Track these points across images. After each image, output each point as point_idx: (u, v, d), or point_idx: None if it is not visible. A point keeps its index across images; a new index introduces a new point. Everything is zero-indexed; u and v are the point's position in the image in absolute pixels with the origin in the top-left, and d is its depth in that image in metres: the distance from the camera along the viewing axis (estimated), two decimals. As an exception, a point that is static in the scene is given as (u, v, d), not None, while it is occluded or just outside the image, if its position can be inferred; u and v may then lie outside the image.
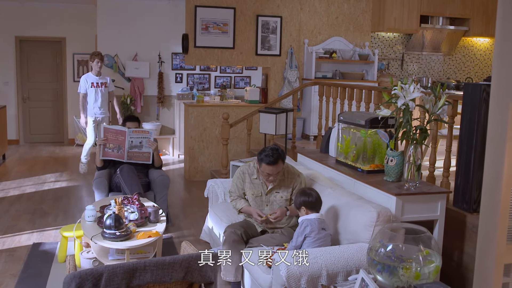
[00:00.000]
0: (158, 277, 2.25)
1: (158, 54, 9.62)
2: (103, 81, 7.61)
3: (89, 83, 7.49)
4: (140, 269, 2.22)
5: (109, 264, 2.23)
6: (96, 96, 7.53)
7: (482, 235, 2.28)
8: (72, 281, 2.23)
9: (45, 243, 4.85)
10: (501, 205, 2.18)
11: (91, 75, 7.56)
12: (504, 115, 2.14)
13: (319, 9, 8.09)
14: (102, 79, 7.63)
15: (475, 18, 8.79)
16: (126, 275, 2.21)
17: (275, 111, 5.91)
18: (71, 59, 10.56)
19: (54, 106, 10.80)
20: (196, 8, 7.49)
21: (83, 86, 7.52)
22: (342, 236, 3.53)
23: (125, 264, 2.22)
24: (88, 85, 7.49)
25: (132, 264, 2.22)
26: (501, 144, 2.14)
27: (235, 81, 10.39)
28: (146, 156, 5.30)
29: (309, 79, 7.78)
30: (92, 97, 7.53)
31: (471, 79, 9.32)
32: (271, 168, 3.75)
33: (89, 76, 7.58)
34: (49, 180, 7.46)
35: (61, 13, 10.28)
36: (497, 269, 2.23)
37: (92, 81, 7.51)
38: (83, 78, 7.58)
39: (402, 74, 9.04)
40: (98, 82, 7.54)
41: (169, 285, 2.35)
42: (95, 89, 7.52)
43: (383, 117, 3.75)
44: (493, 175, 2.19)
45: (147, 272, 2.23)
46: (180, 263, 2.30)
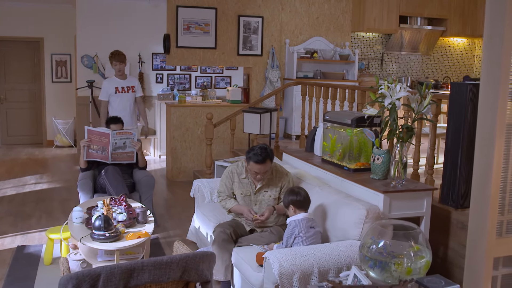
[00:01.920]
0: (155, 277, 2.26)
1: (138, 54, 9.58)
2: (129, 85, 6.32)
3: (112, 88, 6.22)
4: (138, 269, 2.23)
5: (107, 265, 2.23)
6: (121, 104, 6.25)
7: (472, 229, 2.35)
8: (69, 283, 2.21)
9: (29, 246, 4.80)
10: (491, 200, 2.24)
11: (115, 78, 6.27)
12: (493, 113, 2.21)
13: (300, 10, 8.15)
14: (129, 82, 6.33)
15: (452, 18, 8.96)
16: (124, 276, 2.21)
17: (259, 110, 5.95)
18: (49, 60, 10.42)
19: (32, 107, 10.65)
20: (178, 8, 7.47)
21: (105, 91, 6.25)
22: (331, 233, 3.58)
23: (122, 265, 2.22)
24: (111, 91, 6.22)
25: (130, 265, 2.22)
26: (491, 141, 2.21)
27: (215, 81, 10.39)
28: (130, 156, 5.28)
29: (291, 79, 7.83)
30: (116, 105, 6.24)
31: (449, 78, 9.50)
32: (259, 167, 3.78)
33: (112, 80, 6.31)
34: (30, 182, 7.37)
35: (39, 12, 10.13)
36: (487, 263, 2.30)
37: (116, 86, 6.22)
38: (105, 82, 6.39)
39: (382, 73, 9.16)
40: (124, 87, 6.27)
41: (166, 285, 2.36)
42: (120, 95, 6.24)
43: (369, 116, 3.82)
44: (483, 171, 2.26)
45: (145, 272, 2.24)
46: (178, 262, 2.31)
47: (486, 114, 2.24)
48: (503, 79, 2.19)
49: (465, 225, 3.70)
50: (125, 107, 6.25)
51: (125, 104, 6.25)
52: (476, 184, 2.30)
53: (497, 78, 2.20)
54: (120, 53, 6.22)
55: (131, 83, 6.34)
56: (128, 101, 6.27)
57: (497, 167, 2.23)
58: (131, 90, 6.31)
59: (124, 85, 6.27)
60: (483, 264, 2.30)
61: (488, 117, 2.23)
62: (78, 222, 3.96)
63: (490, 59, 2.22)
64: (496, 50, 2.19)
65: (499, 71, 2.19)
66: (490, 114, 2.22)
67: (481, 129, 2.27)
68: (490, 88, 2.22)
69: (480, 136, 2.28)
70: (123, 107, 6.22)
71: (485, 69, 2.24)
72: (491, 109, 2.22)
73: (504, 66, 2.20)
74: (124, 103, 6.24)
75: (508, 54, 2.20)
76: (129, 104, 6.30)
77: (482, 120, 2.26)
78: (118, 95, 6.23)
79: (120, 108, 6.19)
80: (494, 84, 2.21)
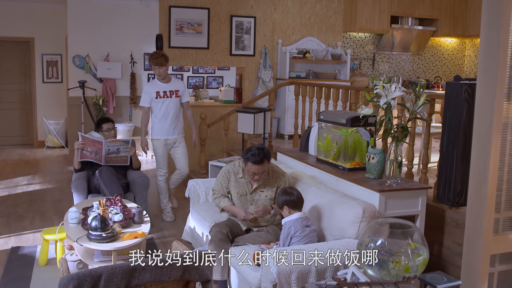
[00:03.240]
0: (157, 277, 2.27)
1: (130, 54, 9.55)
2: (172, 89, 5.58)
3: (154, 93, 5.52)
4: (139, 269, 2.24)
5: (108, 265, 2.23)
6: (164, 110, 5.56)
7: (469, 227, 2.38)
8: (70, 283, 2.22)
9: (24, 247, 4.77)
10: (488, 198, 2.28)
11: (157, 81, 5.58)
12: (490, 113, 2.24)
13: (292, 10, 8.18)
14: (172, 85, 5.60)
15: (443, 18, 9.04)
16: (126, 275, 2.22)
17: (253, 110, 5.96)
18: (40, 60, 10.35)
19: (23, 107, 10.58)
20: (170, 8, 7.47)
21: (146, 97, 5.53)
22: (328, 232, 3.60)
23: (124, 265, 2.23)
24: (152, 96, 5.52)
25: (131, 264, 2.23)
26: (487, 140, 2.25)
27: (207, 81, 10.40)
28: (124, 159, 5.28)
29: (283, 79, 7.86)
30: (157, 111, 5.57)
31: (440, 78, 9.58)
32: (257, 167, 3.80)
33: (154, 83, 5.63)
34: (22, 183, 7.32)
35: (29, 12, 10.06)
36: (484, 260, 2.34)
37: (157, 90, 5.52)
38: (146, 86, 5.70)
39: (373, 73, 9.21)
40: (166, 91, 5.54)
41: (166, 284, 2.37)
42: (162, 100, 5.53)
43: (364, 116, 3.85)
44: (480, 170, 2.29)
45: (147, 272, 2.25)
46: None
47: (483, 114, 2.28)
48: (500, 80, 2.23)
49: (459, 223, 3.75)
50: (168, 114, 5.55)
51: (168, 110, 5.54)
52: (473, 183, 2.34)
53: (494, 79, 2.24)
54: (158, 55, 5.51)
55: (175, 86, 5.58)
56: (172, 107, 5.55)
57: (493, 166, 2.26)
58: (175, 95, 5.55)
59: (167, 89, 5.53)
60: (480, 261, 2.34)
61: (485, 117, 2.27)
62: (74, 223, 3.95)
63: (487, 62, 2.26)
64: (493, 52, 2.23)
65: (496, 73, 2.23)
66: (487, 114, 2.26)
67: (478, 129, 2.30)
68: (487, 89, 2.26)
69: (477, 135, 2.32)
70: (166, 114, 5.55)
71: (482, 71, 2.27)
72: (488, 110, 2.26)
73: (500, 68, 2.24)
74: (167, 109, 5.53)
75: (504, 57, 2.24)
76: (173, 111, 5.57)
77: (479, 120, 2.30)
78: (160, 100, 5.52)
79: (163, 115, 5.56)
80: (490, 85, 2.25)
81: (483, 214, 2.30)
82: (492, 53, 2.23)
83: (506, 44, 2.22)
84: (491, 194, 2.28)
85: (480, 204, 2.31)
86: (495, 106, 2.23)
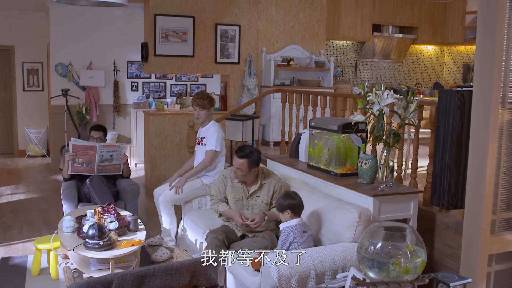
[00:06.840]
0: (167, 282, 2.30)
1: (113, 62, 9.51)
2: (201, 136, 5.12)
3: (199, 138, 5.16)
4: (149, 275, 2.26)
5: (118, 272, 2.26)
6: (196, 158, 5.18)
7: (467, 228, 2.47)
8: (79, 291, 2.23)
9: (14, 257, 4.73)
10: (485, 200, 2.37)
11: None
12: (486, 119, 2.34)
13: (276, 18, 8.28)
14: (203, 132, 5.10)
15: (422, 27, 9.26)
16: (136, 282, 2.24)
17: (242, 118, 6.02)
18: (20, 68, 10.23)
19: (3, 116, 10.43)
20: (156, 16, 7.48)
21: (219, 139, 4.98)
22: (324, 236, 3.66)
23: (134, 271, 2.25)
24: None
25: (142, 271, 2.26)
26: (485, 145, 2.34)
27: (191, 89, 10.41)
28: (116, 168, 5.27)
29: (268, 86, 7.93)
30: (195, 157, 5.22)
31: (420, 85, 9.78)
32: (237, 161, 3.89)
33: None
34: (6, 193, 7.23)
35: (9, 20, 9.93)
36: (482, 260, 2.42)
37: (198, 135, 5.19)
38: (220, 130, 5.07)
39: (356, 80, 9.37)
40: (199, 137, 5.16)
41: (174, 290, 2.40)
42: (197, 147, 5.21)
43: (356, 122, 3.94)
44: (478, 173, 2.39)
45: (157, 278, 2.27)
46: (187, 267, 2.35)
47: (480, 120, 2.37)
48: (495, 88, 2.33)
49: (449, 226, 3.86)
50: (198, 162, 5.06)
51: (199, 159, 5.07)
52: (471, 186, 2.43)
53: (490, 87, 2.34)
54: (200, 95, 5.03)
55: (202, 133, 5.08)
56: (200, 156, 5.06)
57: (490, 169, 2.36)
58: (200, 143, 5.09)
59: (199, 136, 5.14)
60: (478, 261, 2.42)
61: (482, 123, 2.36)
62: (69, 232, 3.94)
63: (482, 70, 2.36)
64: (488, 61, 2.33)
65: (491, 81, 2.32)
66: (483, 120, 2.35)
67: (475, 134, 2.40)
68: (483, 96, 2.36)
69: (474, 141, 2.41)
70: (197, 161, 5.10)
71: (478, 79, 2.37)
72: (484, 116, 2.35)
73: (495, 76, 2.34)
74: (198, 157, 5.11)
75: (499, 65, 2.34)
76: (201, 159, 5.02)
77: (476, 126, 2.39)
78: (196, 147, 5.21)
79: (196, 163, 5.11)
80: (486, 93, 2.34)
81: (480, 215, 2.39)
82: (488, 62, 2.33)
83: (500, 54, 2.32)
84: (488, 196, 2.37)
85: (477, 206, 2.40)
86: (491, 113, 2.33)
